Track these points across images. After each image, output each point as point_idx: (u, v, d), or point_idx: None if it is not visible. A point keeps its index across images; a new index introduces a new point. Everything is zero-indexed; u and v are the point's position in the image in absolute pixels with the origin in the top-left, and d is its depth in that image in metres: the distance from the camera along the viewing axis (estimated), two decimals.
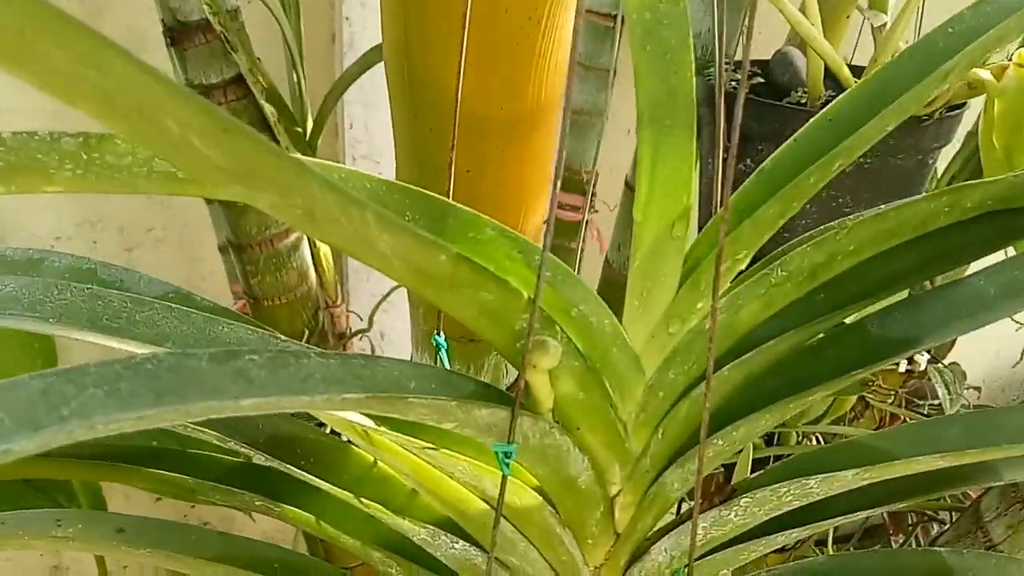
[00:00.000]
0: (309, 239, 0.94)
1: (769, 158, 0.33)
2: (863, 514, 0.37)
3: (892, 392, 0.80)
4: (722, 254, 0.28)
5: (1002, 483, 0.44)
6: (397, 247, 0.23)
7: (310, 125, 0.94)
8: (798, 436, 0.74)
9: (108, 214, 1.24)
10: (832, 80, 0.62)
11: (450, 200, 0.30)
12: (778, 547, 0.37)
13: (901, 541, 0.96)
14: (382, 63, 0.47)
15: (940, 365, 0.77)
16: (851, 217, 0.34)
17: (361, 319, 1.01)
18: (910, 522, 0.84)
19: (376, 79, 0.66)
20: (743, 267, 0.33)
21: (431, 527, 0.36)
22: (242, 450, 0.38)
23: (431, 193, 0.29)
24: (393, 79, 0.46)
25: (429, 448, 0.32)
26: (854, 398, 0.81)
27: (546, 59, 0.44)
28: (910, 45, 0.34)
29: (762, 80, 0.69)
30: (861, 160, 0.72)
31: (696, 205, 0.53)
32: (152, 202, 1.24)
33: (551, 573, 0.36)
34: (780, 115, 0.61)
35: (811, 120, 0.33)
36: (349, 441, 0.41)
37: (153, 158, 0.25)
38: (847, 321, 0.35)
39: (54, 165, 0.24)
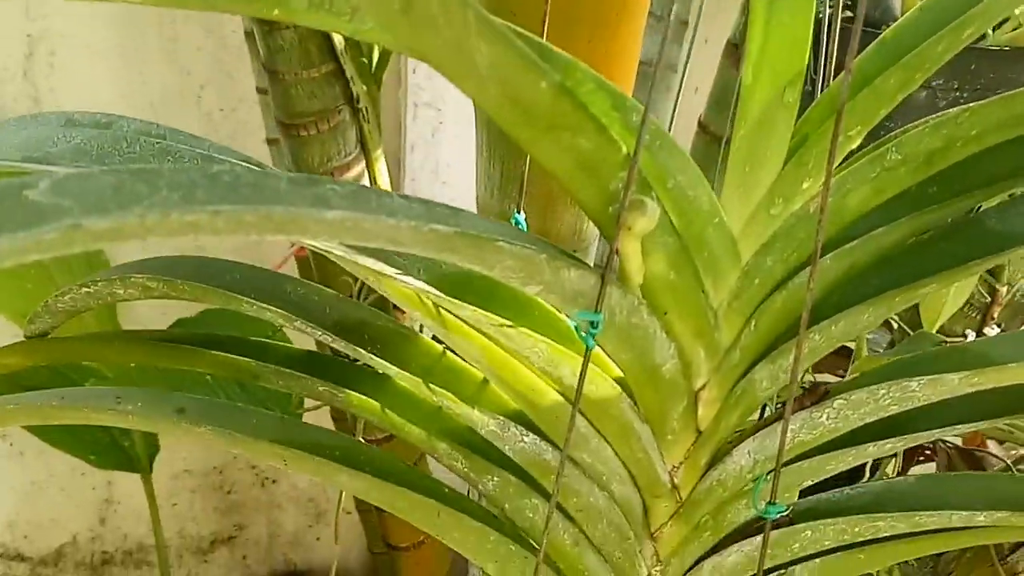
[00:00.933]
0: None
1: (890, 28, 0.30)
2: (964, 428, 0.34)
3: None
4: (841, 121, 0.25)
5: None
6: (496, 63, 0.21)
7: (376, 57, 0.92)
8: None
9: None
10: None
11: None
12: (869, 458, 0.34)
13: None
14: None
15: None
16: (977, 103, 0.31)
17: None
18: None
19: None
20: (855, 145, 0.30)
21: (501, 418, 0.35)
22: (308, 331, 0.36)
23: (527, 32, 0.27)
24: None
25: (506, 325, 0.30)
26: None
27: None
28: None
29: (851, 15, 0.66)
30: (958, 95, 0.68)
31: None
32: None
33: (624, 472, 0.34)
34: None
35: None
36: (420, 330, 0.39)
37: None
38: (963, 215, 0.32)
39: None
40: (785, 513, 0.33)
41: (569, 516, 0.36)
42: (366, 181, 0.94)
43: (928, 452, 1.28)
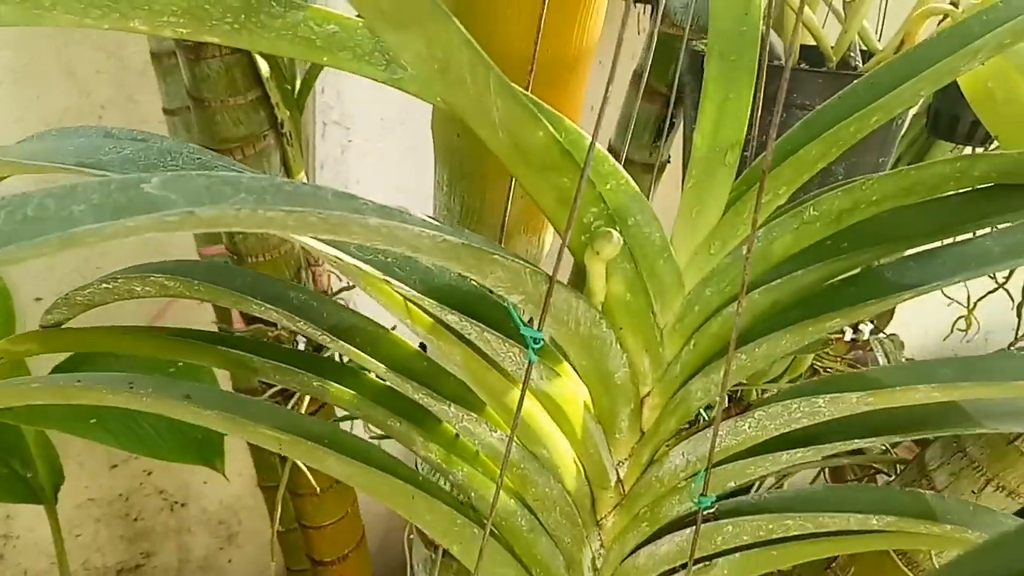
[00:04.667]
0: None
1: (814, 111, 0.37)
2: (861, 442, 0.41)
3: (838, 359, 0.85)
4: (764, 180, 0.32)
5: (984, 431, 0.49)
6: (506, 115, 0.27)
7: (299, 84, 0.95)
8: (758, 393, 0.79)
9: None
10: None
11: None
12: (783, 465, 0.41)
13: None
14: None
15: (882, 335, 0.82)
16: (877, 174, 0.38)
17: (341, 279, 1.04)
18: (852, 476, 0.91)
19: None
20: (782, 202, 0.37)
21: (474, 416, 0.40)
22: (309, 331, 0.41)
23: (521, 90, 0.33)
24: None
25: (488, 331, 0.36)
26: (809, 361, 0.85)
27: (589, 6, 0.47)
28: (948, 27, 0.39)
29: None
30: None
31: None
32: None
33: (577, 466, 0.40)
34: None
35: (855, 81, 0.38)
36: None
37: (300, 23, 0.29)
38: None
39: (216, 17, 0.28)
40: (712, 508, 0.39)
41: (527, 505, 0.42)
42: None
43: None
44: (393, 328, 0.44)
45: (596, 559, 0.42)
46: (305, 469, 1.02)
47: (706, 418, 0.42)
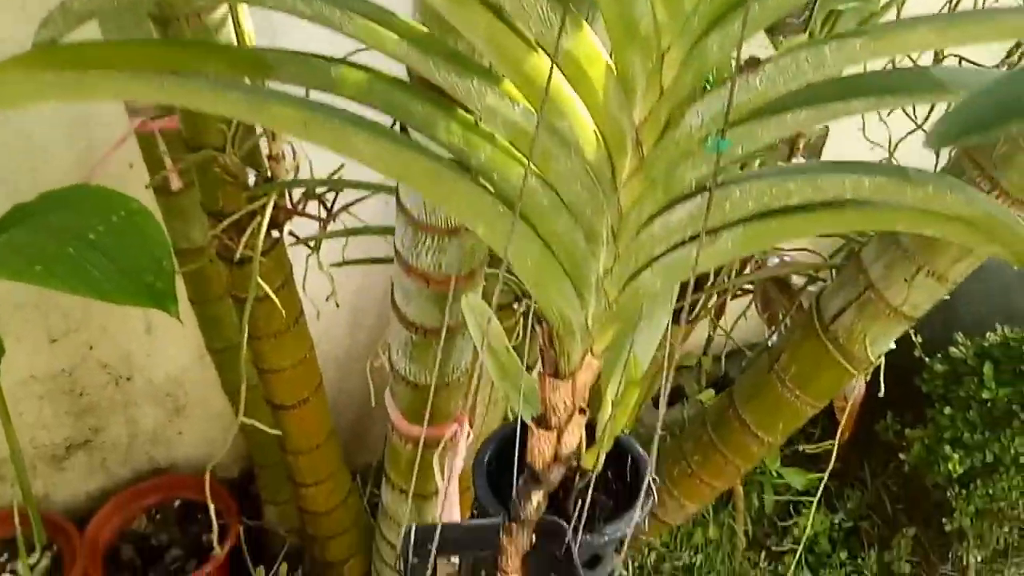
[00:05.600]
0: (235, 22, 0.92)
1: None
2: (855, 103, 0.44)
3: None
4: None
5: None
6: None
7: None
8: None
9: None
10: None
11: None
12: (789, 130, 0.43)
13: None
14: None
15: None
16: None
17: None
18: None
19: None
20: None
21: (497, 90, 0.41)
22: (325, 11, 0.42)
23: None
24: None
25: None
26: None
27: None
28: None
29: None
30: None
31: None
32: None
33: (596, 138, 0.42)
34: None
35: None
36: None
37: None
38: None
39: None
40: (727, 149, 0.41)
41: (548, 183, 0.43)
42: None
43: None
44: None
45: (614, 229, 0.44)
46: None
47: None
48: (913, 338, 1.54)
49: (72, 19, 0.45)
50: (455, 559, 0.63)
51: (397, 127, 0.50)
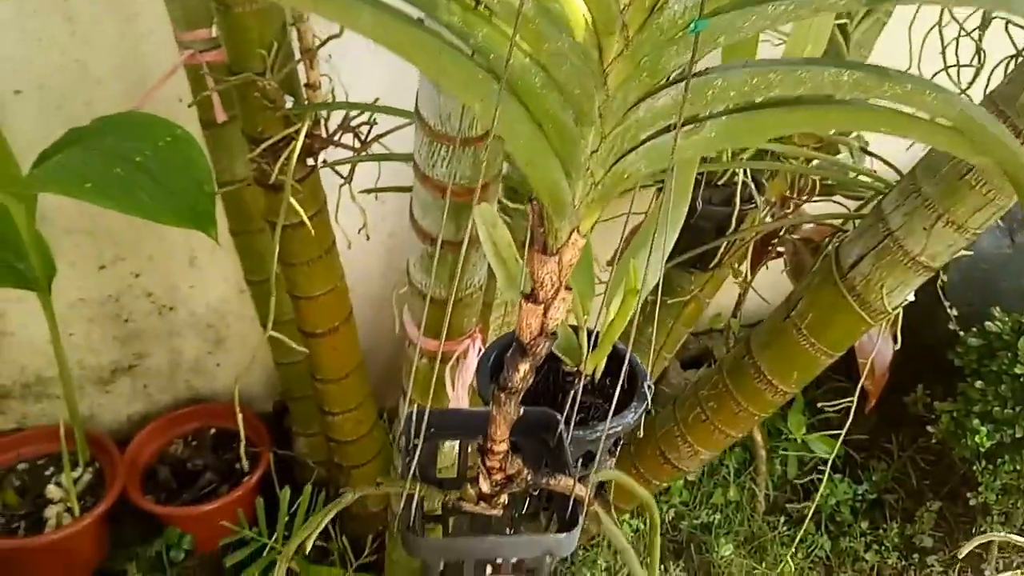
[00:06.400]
0: None
1: None
2: None
3: None
4: None
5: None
6: None
7: None
8: None
9: None
10: None
11: None
12: (770, 21, 0.45)
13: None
14: None
15: None
16: None
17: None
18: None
19: None
20: None
21: None
22: None
23: None
24: None
25: None
26: None
27: None
28: None
29: None
30: None
31: None
32: None
33: (585, 20, 0.45)
34: None
35: None
36: None
37: None
38: None
39: None
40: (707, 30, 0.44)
41: (540, 64, 0.46)
42: None
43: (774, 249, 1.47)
44: None
45: (601, 110, 0.47)
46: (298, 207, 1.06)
47: None
48: (948, 311, 1.53)
49: None
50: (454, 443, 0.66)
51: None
